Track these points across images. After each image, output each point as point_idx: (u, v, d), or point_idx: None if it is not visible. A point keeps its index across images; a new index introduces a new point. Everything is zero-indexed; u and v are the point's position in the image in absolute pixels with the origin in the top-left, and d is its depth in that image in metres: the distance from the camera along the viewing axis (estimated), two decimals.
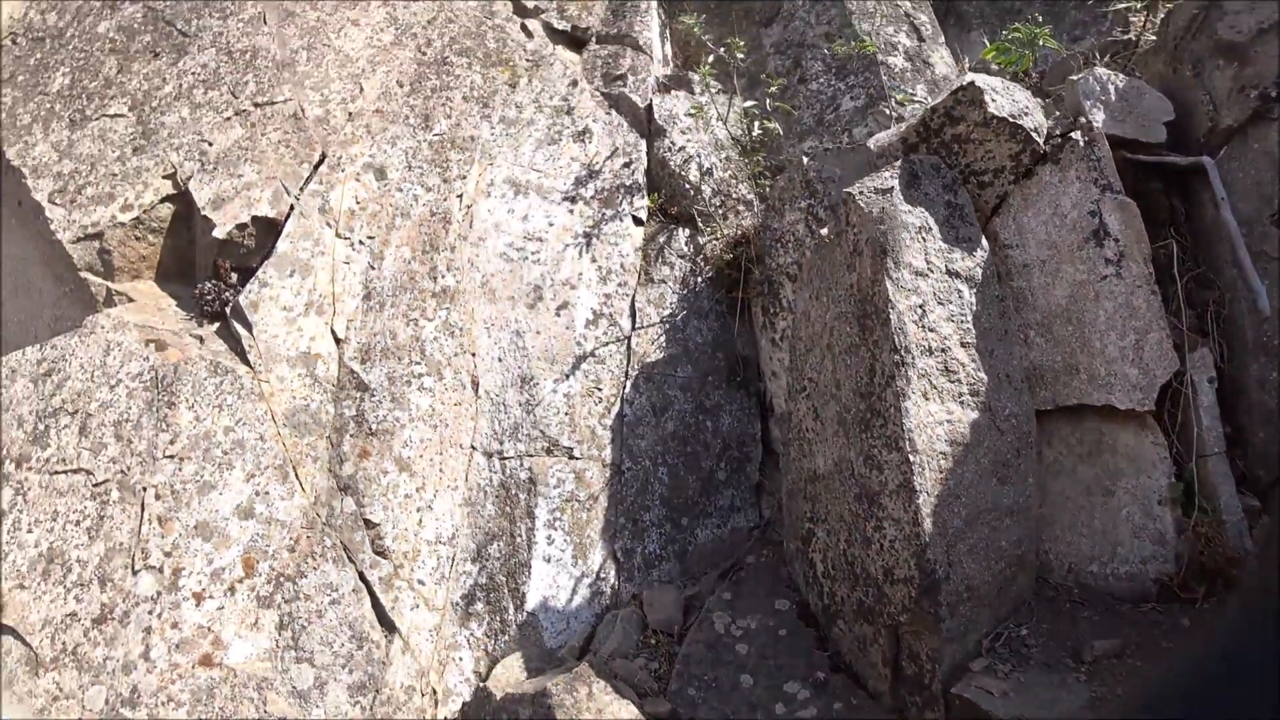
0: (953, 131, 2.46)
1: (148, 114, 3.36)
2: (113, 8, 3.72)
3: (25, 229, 3.53)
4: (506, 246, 2.95)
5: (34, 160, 3.45)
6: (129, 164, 3.28)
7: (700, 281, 3.15)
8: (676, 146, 3.34)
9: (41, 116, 3.58)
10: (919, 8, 4.81)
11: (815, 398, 2.44)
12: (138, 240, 3.26)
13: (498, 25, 3.47)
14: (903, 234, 2.19)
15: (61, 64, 3.67)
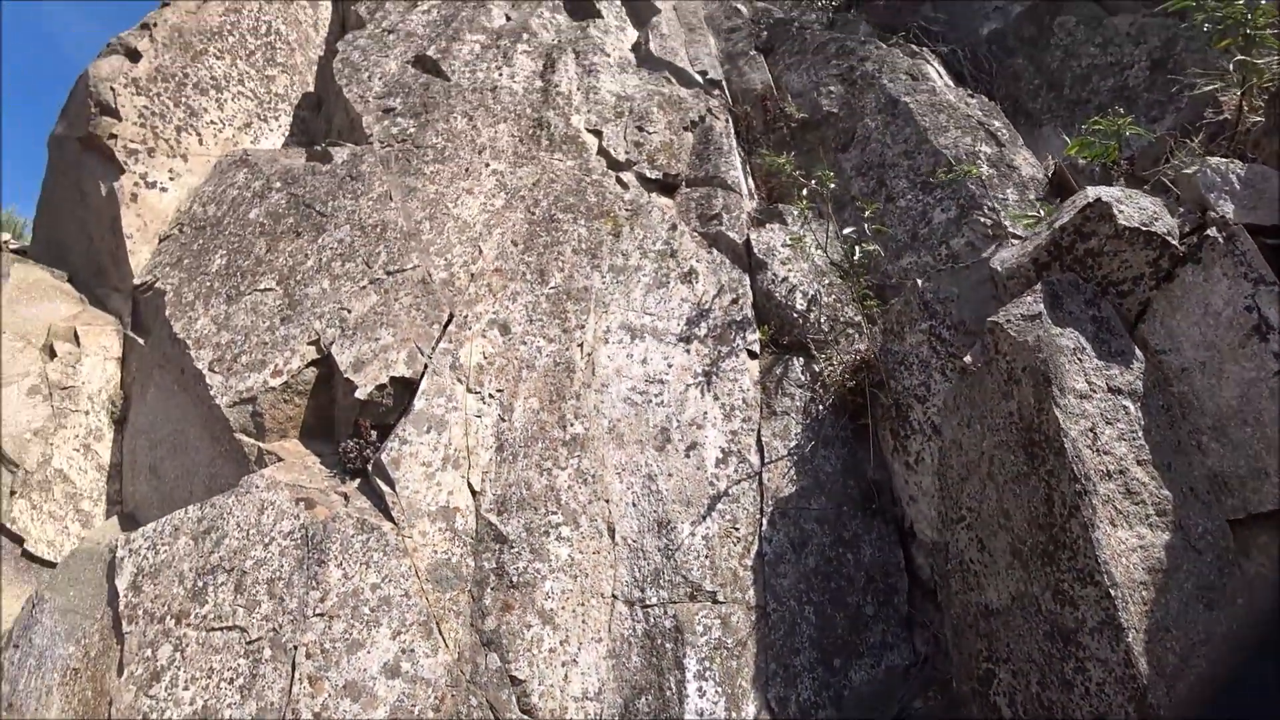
0: (1085, 247, 2.46)
1: (293, 286, 3.72)
2: (261, 196, 4.21)
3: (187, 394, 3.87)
4: (629, 391, 3.04)
5: (196, 333, 3.83)
6: (277, 333, 3.60)
7: (823, 409, 3.14)
8: (779, 278, 3.45)
9: (202, 294, 4.00)
10: (991, 114, 4.95)
11: (978, 528, 2.33)
12: (285, 402, 3.52)
13: (595, 181, 3.75)
14: (1060, 358, 2.15)
15: (219, 248, 4.14)
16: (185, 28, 5.12)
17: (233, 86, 5.12)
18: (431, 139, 4.00)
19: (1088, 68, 5.91)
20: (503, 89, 4.29)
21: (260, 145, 5.06)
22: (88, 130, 4.60)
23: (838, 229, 3.65)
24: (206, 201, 4.49)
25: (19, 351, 4.48)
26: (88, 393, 4.53)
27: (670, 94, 4.48)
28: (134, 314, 4.54)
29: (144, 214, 4.61)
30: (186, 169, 4.80)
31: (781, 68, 5.33)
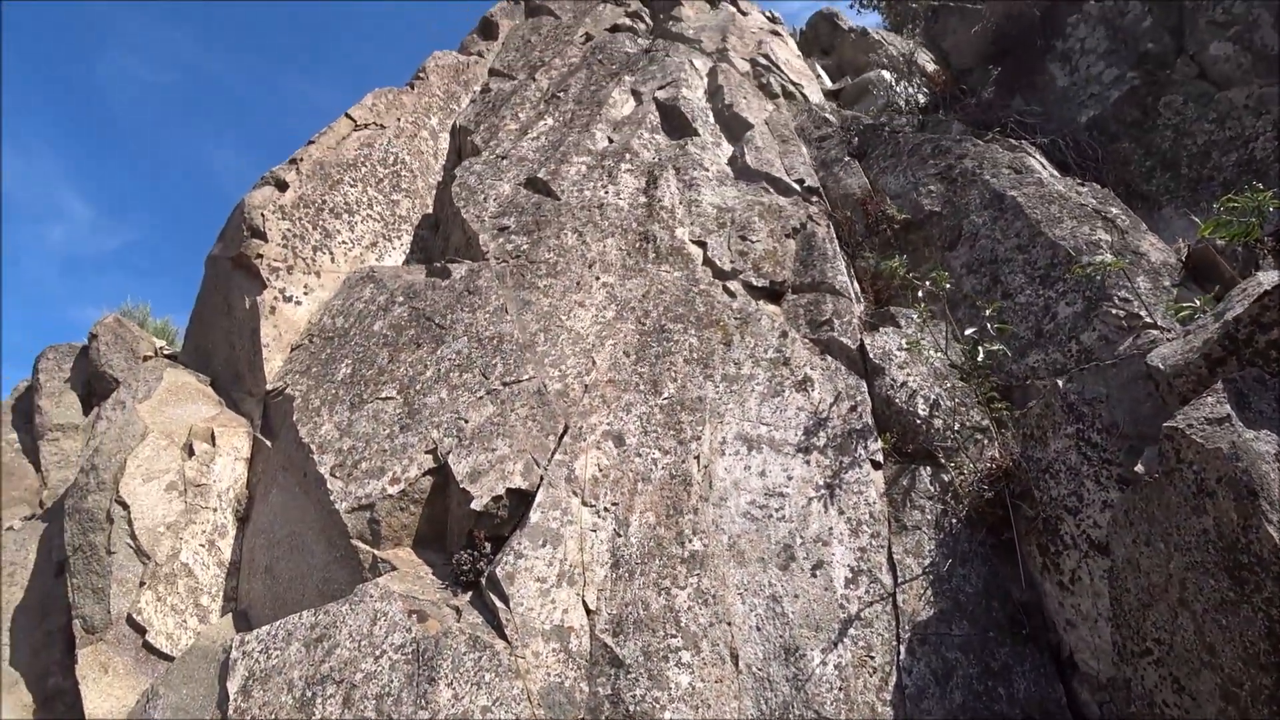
0: (1266, 338, 2.25)
1: (412, 396, 3.88)
2: (385, 310, 4.51)
3: (307, 497, 4.02)
4: (749, 505, 2.93)
5: (320, 438, 4.02)
6: (397, 441, 3.73)
7: (957, 523, 2.92)
8: (898, 382, 3.32)
9: (328, 401, 4.23)
10: (1106, 200, 4.76)
11: (1172, 664, 2.03)
12: (402, 510, 3.60)
13: (703, 290, 3.80)
14: (1262, 466, 1.91)
15: (345, 357, 4.41)
16: (326, 161, 5.72)
17: (362, 210, 5.63)
18: (544, 254, 4.20)
19: (1205, 144, 5.67)
20: (609, 206, 4.51)
21: (384, 262, 5.48)
22: (239, 250, 5.10)
23: (957, 329, 3.51)
24: (335, 314, 4.83)
25: (163, 449, 4.83)
26: (217, 490, 4.79)
27: (769, 203, 4.57)
28: (264, 417, 4.84)
29: (280, 325, 5.00)
30: (319, 284, 5.23)
31: (877, 171, 5.37)
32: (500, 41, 8.01)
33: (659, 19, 8.22)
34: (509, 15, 8.57)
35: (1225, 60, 5.86)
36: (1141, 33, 6.46)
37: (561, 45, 7.32)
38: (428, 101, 6.83)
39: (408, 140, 6.29)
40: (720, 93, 6.01)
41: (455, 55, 7.72)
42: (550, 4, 8.46)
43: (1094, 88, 6.59)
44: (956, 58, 8.10)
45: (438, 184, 6.10)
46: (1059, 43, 7.01)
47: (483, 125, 6.02)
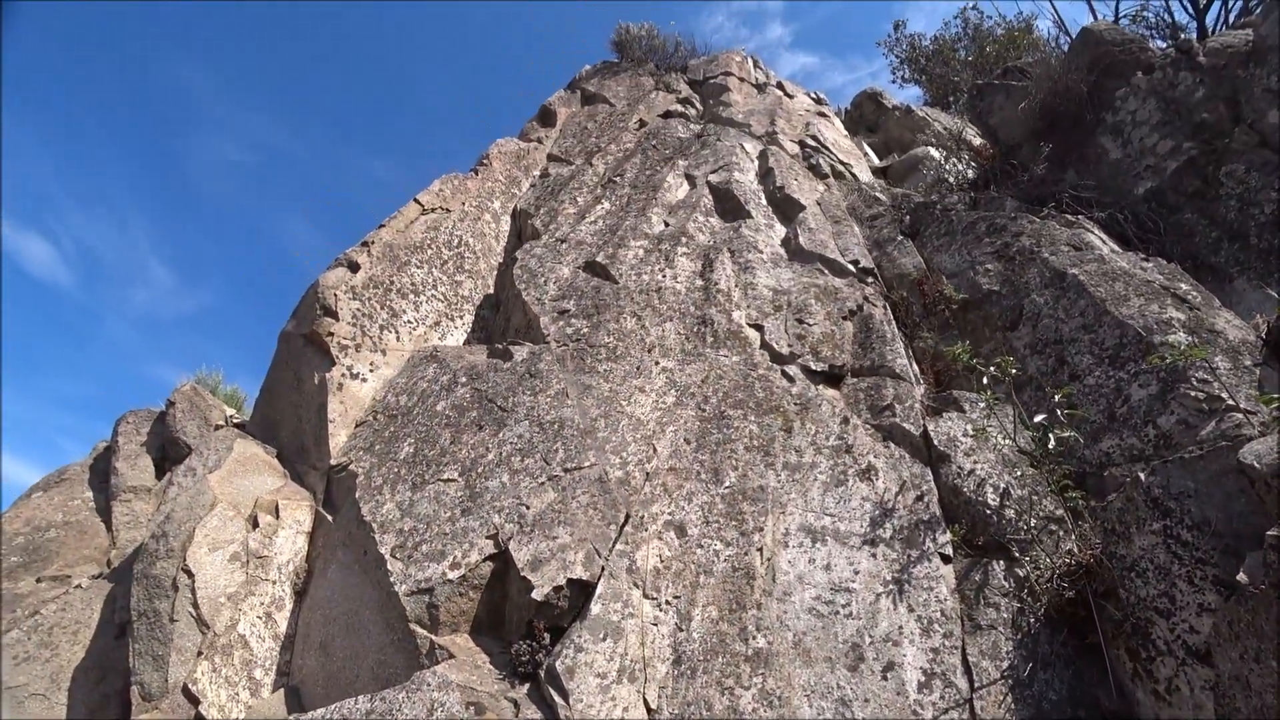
0: None
1: (474, 479, 3.95)
2: (448, 390, 4.65)
3: (366, 576, 4.07)
4: (814, 600, 2.86)
5: (382, 517, 4.09)
6: (458, 524, 3.78)
7: (1035, 623, 2.77)
8: (965, 471, 3.24)
9: (390, 479, 4.32)
10: (1174, 276, 4.66)
11: None
12: (461, 596, 3.61)
13: (761, 375, 3.81)
14: None
15: (408, 436, 4.53)
16: (395, 243, 6.05)
17: (427, 290, 5.90)
18: (603, 338, 4.31)
19: (1273, 213, 5.52)
20: (666, 289, 4.62)
21: (447, 341, 5.69)
22: (311, 328, 5.36)
23: (1024, 416, 3.43)
24: (399, 392, 5.00)
25: (229, 520, 4.98)
26: (278, 563, 4.89)
27: (825, 284, 4.62)
28: (327, 492, 4.96)
29: (346, 401, 5.18)
30: (384, 361, 5.44)
31: (931, 249, 5.38)
32: (558, 128, 8.45)
33: (709, 104, 8.57)
34: (566, 103, 9.06)
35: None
36: (1195, 103, 6.43)
37: (616, 131, 7.68)
38: (490, 186, 7.21)
39: (471, 223, 6.62)
40: (771, 175, 6.18)
41: (516, 142, 8.16)
42: (605, 92, 8.93)
43: (1149, 159, 6.53)
44: (1004, 133, 8.17)
45: (499, 265, 6.36)
46: (1109, 116, 7.02)
47: (542, 209, 6.31)
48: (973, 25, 13.72)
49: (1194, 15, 9.74)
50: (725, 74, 9.18)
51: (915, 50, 14.30)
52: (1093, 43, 7.52)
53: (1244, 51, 6.30)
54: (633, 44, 10.25)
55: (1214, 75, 6.40)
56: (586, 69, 10.13)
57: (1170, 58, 6.90)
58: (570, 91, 9.32)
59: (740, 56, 10.07)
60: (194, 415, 6.85)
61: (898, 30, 14.30)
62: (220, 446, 6.00)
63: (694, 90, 9.10)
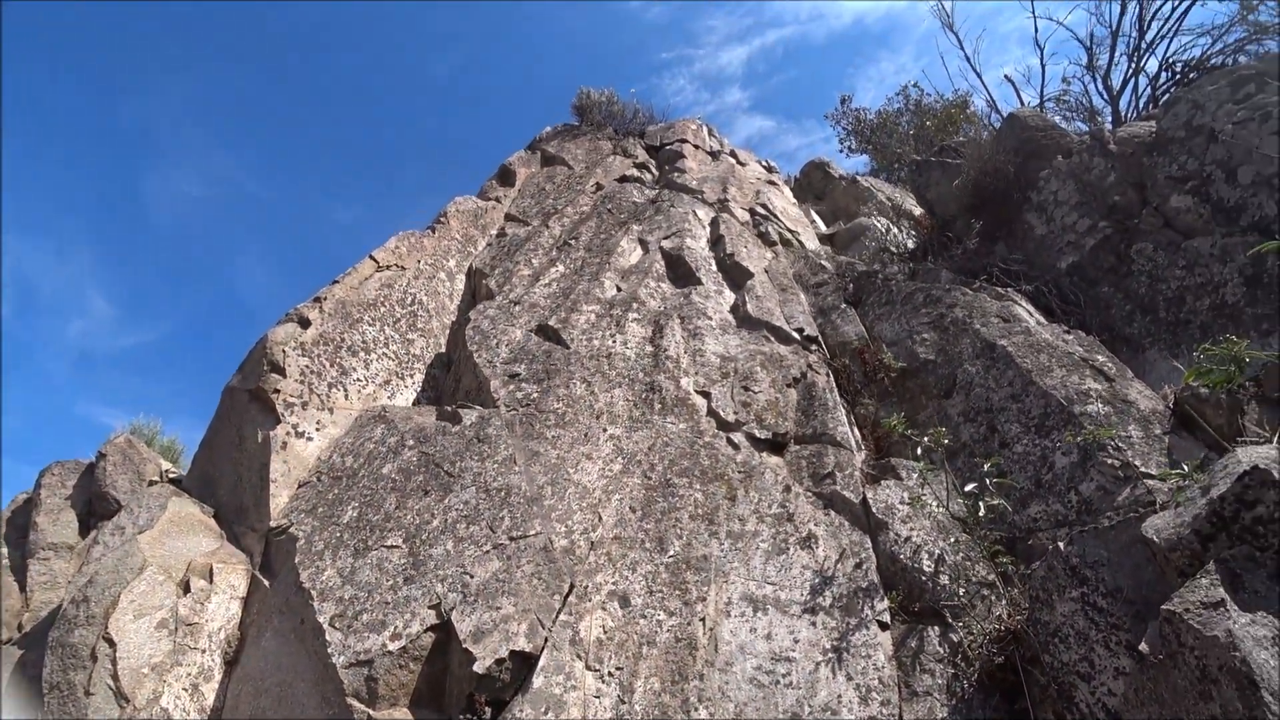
0: (1252, 515, 2.32)
1: (418, 546, 3.89)
2: (395, 452, 4.60)
3: (303, 646, 3.92)
4: (755, 670, 2.89)
5: (322, 584, 3.97)
6: (400, 593, 3.70)
7: (969, 688, 2.86)
8: (902, 538, 3.35)
9: (331, 544, 4.21)
10: (1092, 349, 4.97)
11: None
12: (401, 668, 3.51)
13: (707, 443, 3.90)
14: (1260, 654, 1.93)
15: (353, 499, 4.44)
16: (348, 300, 6.03)
17: (379, 349, 5.87)
18: (553, 404, 4.36)
19: (1178, 290, 5.97)
20: (617, 355, 4.72)
21: (396, 400, 5.65)
22: (257, 384, 5.24)
23: (957, 483, 3.59)
24: (345, 452, 4.92)
25: (159, 584, 4.76)
26: (209, 630, 4.67)
27: (771, 352, 4.79)
28: (265, 555, 4.79)
29: (290, 461, 5.06)
30: (332, 420, 5.35)
31: (872, 318, 5.64)
32: (517, 188, 8.64)
33: (664, 170, 8.91)
34: (526, 164, 9.29)
35: (1187, 211, 6.30)
36: (1108, 186, 6.99)
37: (574, 194, 7.90)
38: (447, 244, 7.28)
39: (426, 281, 6.66)
40: (722, 241, 6.43)
41: (474, 200, 8.30)
42: (564, 154, 9.20)
43: (1070, 236, 7.04)
44: (941, 207, 8.69)
45: (452, 324, 6.39)
46: (1034, 195, 7.56)
47: (497, 269, 6.40)
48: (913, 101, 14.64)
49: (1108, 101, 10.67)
50: (681, 141, 9.58)
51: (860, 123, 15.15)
52: (1019, 127, 8.15)
53: (1148, 141, 6.92)
54: (593, 108, 10.64)
55: (1123, 162, 7.00)
56: (547, 130, 10.43)
57: (1086, 144, 7.53)
58: (530, 152, 9.57)
59: (696, 124, 10.53)
60: (126, 469, 6.56)
61: (844, 104, 15.14)
62: (153, 504, 5.75)
63: (650, 155, 9.45)
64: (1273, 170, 5.77)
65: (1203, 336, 5.48)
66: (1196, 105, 6.65)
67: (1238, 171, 6.09)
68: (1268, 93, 6.23)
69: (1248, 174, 6.03)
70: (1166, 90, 10.01)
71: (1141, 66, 10.45)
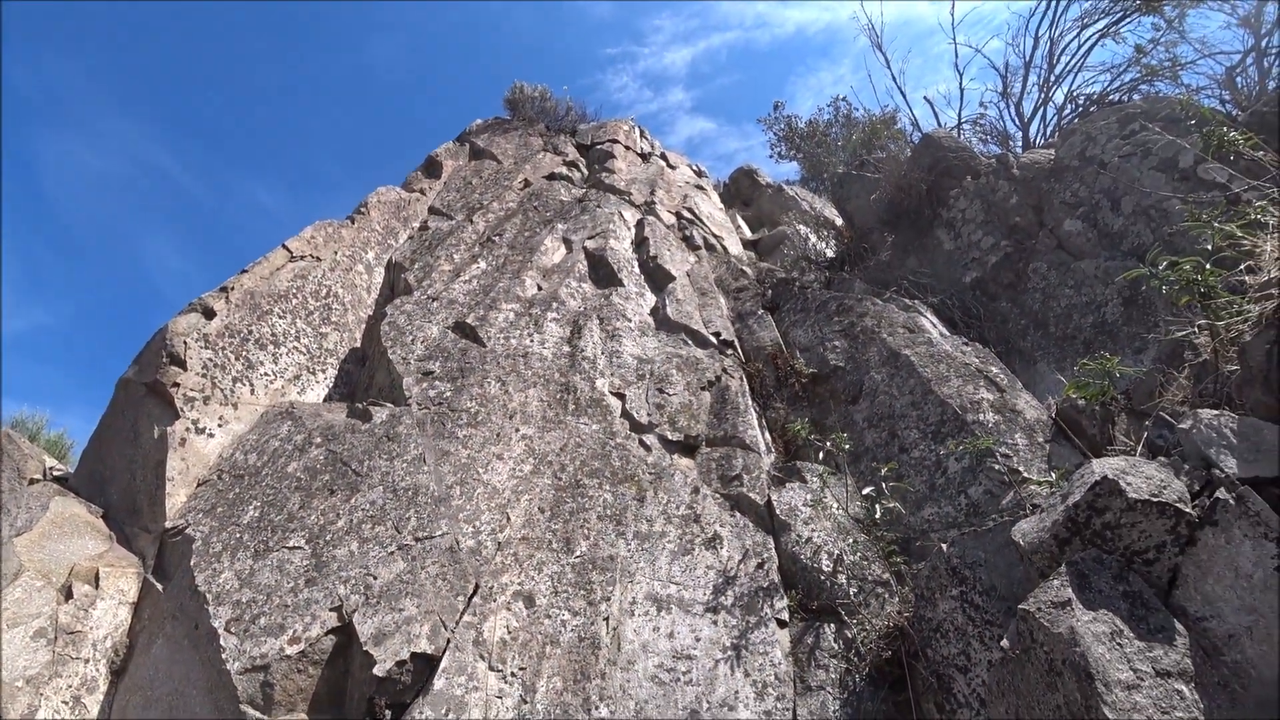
0: (1101, 521, 2.53)
1: (321, 547, 3.78)
2: (302, 450, 4.44)
3: (197, 653, 3.75)
4: (656, 668, 2.95)
5: (218, 587, 3.81)
6: (301, 595, 3.59)
7: (860, 681, 3.01)
8: (803, 539, 3.50)
9: (230, 546, 4.04)
10: (988, 360, 5.31)
11: None
12: (299, 673, 3.40)
13: (619, 444, 3.95)
14: (1098, 648, 2.12)
15: (255, 499, 4.27)
16: (257, 291, 5.77)
17: (289, 342, 5.65)
18: (466, 403, 4.31)
19: (1067, 307, 6.45)
20: (533, 355, 4.71)
21: (306, 396, 5.45)
22: (155, 377, 4.96)
23: (857, 486, 3.76)
24: (249, 450, 4.72)
25: (37, 590, 4.45)
26: (93, 639, 4.41)
27: (687, 355, 4.88)
28: (159, 558, 4.55)
29: (188, 458, 4.82)
30: (235, 416, 5.12)
31: (788, 324, 5.84)
32: (443, 181, 8.47)
33: (594, 169, 8.92)
34: (453, 156, 9.11)
35: (1077, 235, 6.80)
36: (1010, 208, 7.46)
37: (500, 189, 7.81)
38: (366, 236, 7.07)
39: (343, 273, 6.45)
40: (646, 244, 6.50)
41: (398, 191, 8.09)
42: (493, 149, 9.08)
43: (975, 253, 7.48)
44: (859, 219, 9.06)
45: (368, 318, 6.21)
46: (944, 211, 7.99)
47: (417, 263, 6.26)
48: (843, 114, 15.15)
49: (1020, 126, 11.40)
50: (612, 141, 9.62)
51: (792, 130, 15.55)
52: (933, 147, 8.58)
53: (1047, 168, 7.43)
54: (525, 103, 10.53)
55: (1024, 186, 7.49)
56: (477, 123, 10.27)
57: (992, 166, 8.01)
58: (459, 144, 9.40)
59: (628, 125, 10.59)
60: (6, 466, 6.07)
61: (777, 110, 15.52)
62: (34, 504, 5.35)
63: (581, 154, 9.45)
64: (1150, 202, 6.30)
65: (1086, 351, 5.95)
66: (1089, 137, 7.19)
67: (1121, 201, 6.63)
68: (1149, 131, 6.80)
69: (1129, 204, 6.56)
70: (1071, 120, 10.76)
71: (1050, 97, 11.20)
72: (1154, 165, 6.56)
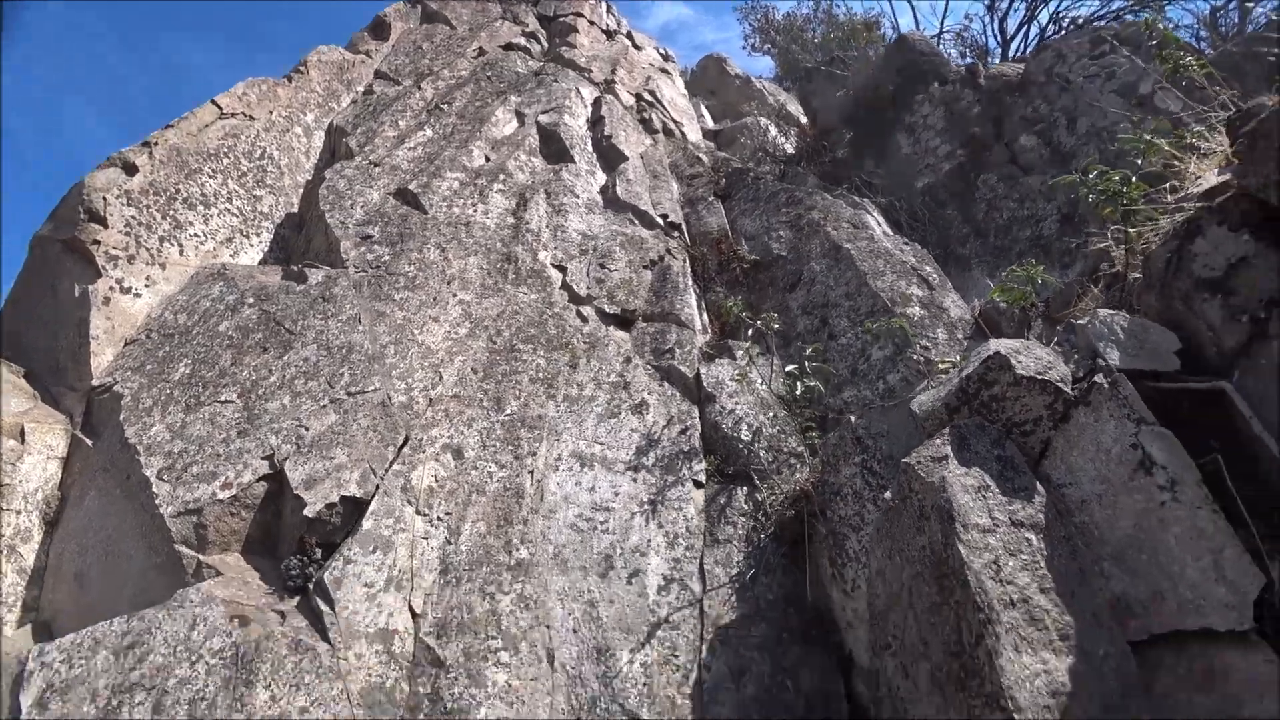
0: (989, 393, 2.72)
1: (253, 401, 3.80)
2: (234, 310, 4.37)
3: (129, 501, 3.81)
4: (576, 518, 3.14)
5: (149, 439, 3.82)
6: (233, 445, 3.64)
7: (764, 538, 3.26)
8: (726, 410, 3.66)
9: (161, 401, 4.03)
10: (923, 260, 5.45)
11: (902, 655, 2.43)
12: (232, 515, 3.51)
13: (557, 314, 4.00)
14: (964, 496, 2.34)
15: (185, 357, 4.22)
16: (184, 148, 5.45)
17: (220, 204, 5.40)
18: (404, 267, 4.25)
19: (1008, 219, 6.61)
20: (476, 224, 4.63)
21: (240, 259, 5.28)
22: (73, 234, 4.73)
23: (781, 364, 3.92)
24: (179, 310, 4.61)
25: None
26: (24, 492, 4.42)
27: (633, 234, 4.87)
28: (86, 415, 4.51)
29: (114, 318, 4.69)
30: (164, 277, 4.95)
31: (737, 213, 5.84)
32: (391, 44, 7.93)
33: (554, 42, 8.46)
34: (403, 18, 8.49)
35: (1030, 150, 6.86)
36: (971, 118, 7.44)
37: (453, 56, 7.37)
38: (305, 97, 6.65)
39: (279, 135, 6.10)
40: (602, 123, 6.30)
41: (341, 52, 7.56)
42: (447, 12, 8.48)
43: (930, 159, 7.49)
44: (823, 116, 8.92)
45: (307, 183, 5.95)
46: (907, 116, 7.91)
47: (360, 128, 5.97)
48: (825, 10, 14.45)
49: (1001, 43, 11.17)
50: (576, 14, 9.07)
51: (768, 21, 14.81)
52: (906, 49, 8.36)
53: (1014, 82, 7.36)
54: None
55: (988, 97, 7.43)
56: None
57: (960, 75, 7.89)
58: (410, 5, 8.74)
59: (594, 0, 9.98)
60: None
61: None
62: None
63: (542, 26, 8.92)
64: (1104, 124, 6.34)
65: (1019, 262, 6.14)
66: (1060, 55, 7.10)
67: (1078, 121, 6.65)
68: (1117, 54, 6.75)
69: (1085, 124, 6.60)
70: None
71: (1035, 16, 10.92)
72: (1115, 89, 6.56)
